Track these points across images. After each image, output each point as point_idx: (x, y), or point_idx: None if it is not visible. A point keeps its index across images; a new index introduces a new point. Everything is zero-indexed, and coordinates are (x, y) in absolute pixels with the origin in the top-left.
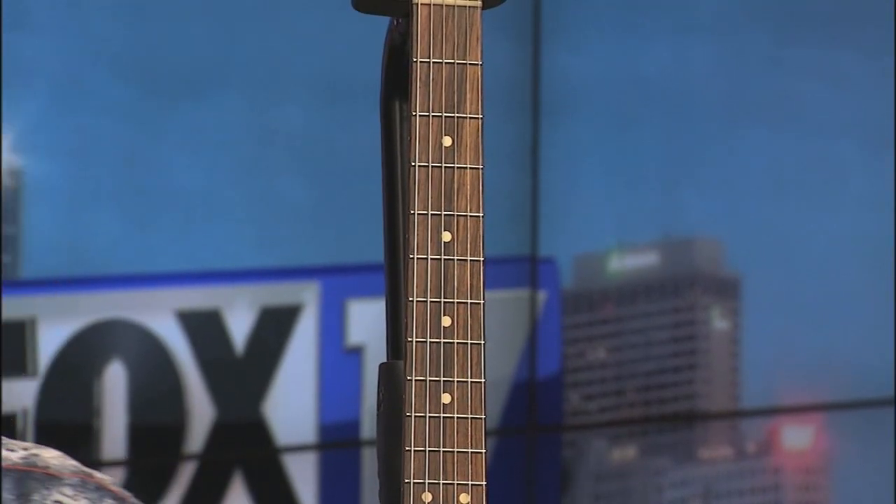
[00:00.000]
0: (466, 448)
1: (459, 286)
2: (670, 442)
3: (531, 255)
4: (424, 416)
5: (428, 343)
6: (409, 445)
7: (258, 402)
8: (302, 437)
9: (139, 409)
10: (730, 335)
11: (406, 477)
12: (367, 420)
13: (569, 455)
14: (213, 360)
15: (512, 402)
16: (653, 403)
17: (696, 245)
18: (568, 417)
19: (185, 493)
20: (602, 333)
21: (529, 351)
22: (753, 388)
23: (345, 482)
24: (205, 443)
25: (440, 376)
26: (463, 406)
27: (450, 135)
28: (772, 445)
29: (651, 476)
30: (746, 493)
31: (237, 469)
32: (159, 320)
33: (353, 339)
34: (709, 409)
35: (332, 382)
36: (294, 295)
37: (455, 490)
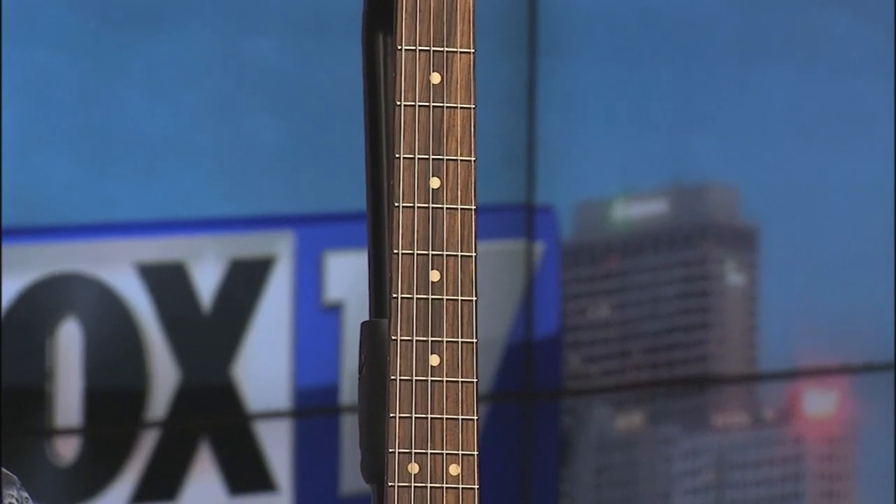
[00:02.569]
0: (456, 415)
1: (449, 237)
2: (680, 408)
3: (527, 204)
4: (410, 379)
5: (414, 300)
6: (394, 412)
7: (227, 365)
8: (275, 402)
9: (96, 372)
10: (746, 291)
11: (390, 446)
12: (347, 384)
13: (568, 423)
14: (177, 318)
15: (506, 364)
16: (661, 366)
17: (709, 192)
18: (567, 381)
19: (147, 464)
20: (605, 289)
21: (525, 308)
22: (772, 349)
23: (322, 452)
24: (168, 409)
25: (428, 336)
26: (453, 369)
27: (438, 71)
28: (792, 412)
29: (659, 446)
30: (764, 465)
31: (204, 438)
32: (118, 274)
33: (332, 295)
34: (723, 372)
35: (309, 343)
36: (266, 246)
37: (444, 460)
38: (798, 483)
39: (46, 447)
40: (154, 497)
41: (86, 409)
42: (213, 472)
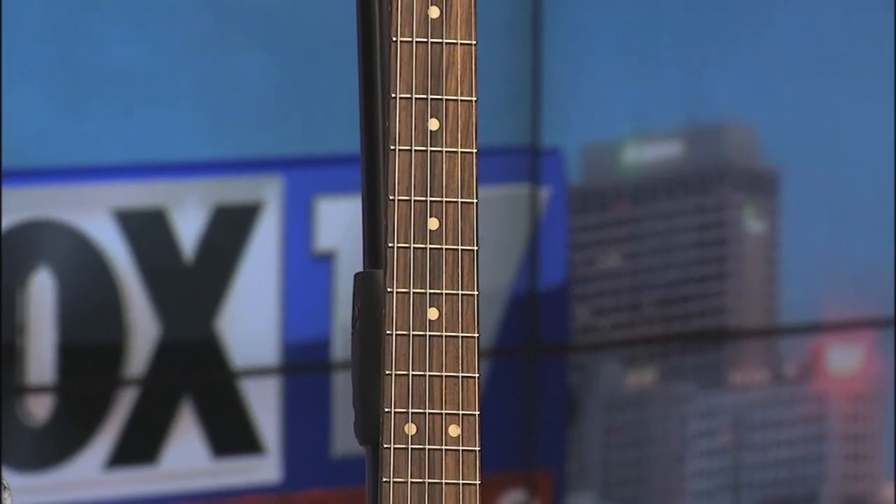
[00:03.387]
0: (456, 372)
1: (448, 183)
2: (695, 365)
3: (532, 146)
4: (408, 334)
5: (412, 249)
6: (390, 369)
7: (210, 318)
8: (262, 358)
9: (70, 326)
10: (765, 239)
11: (386, 405)
12: (340, 339)
13: (576, 380)
14: (157, 268)
15: (509, 318)
16: (675, 319)
17: (726, 133)
18: (575, 336)
19: (125, 424)
20: (615, 237)
21: (530, 258)
22: (793, 301)
23: (312, 411)
24: (148, 365)
25: (426, 288)
26: (452, 323)
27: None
28: (815, 369)
29: (673, 404)
30: (785, 424)
31: (186, 396)
32: (94, 221)
33: (323, 243)
34: (741, 325)
35: (298, 295)
36: (253, 191)
37: (443, 420)
38: (821, 444)
39: (17, 406)
40: (132, 459)
41: (59, 365)
42: (196, 432)
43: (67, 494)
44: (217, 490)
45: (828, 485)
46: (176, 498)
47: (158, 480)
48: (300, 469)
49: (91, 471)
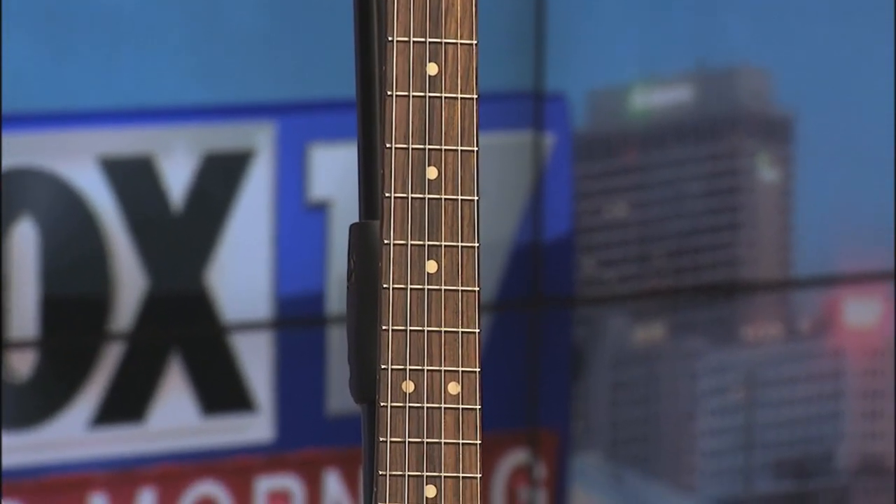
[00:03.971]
0: (456, 327)
1: (448, 129)
2: (706, 319)
3: (535, 91)
4: (405, 288)
5: (409, 199)
6: (387, 324)
7: (200, 271)
8: (253, 312)
9: (54, 279)
10: (780, 188)
11: (383, 362)
12: (335, 292)
13: (581, 334)
14: (144, 218)
15: (512, 270)
16: (685, 272)
17: (739, 77)
18: (580, 289)
19: (111, 381)
20: (623, 186)
21: (533, 208)
22: (808, 252)
23: (306, 367)
24: (135, 319)
25: (424, 240)
26: (452, 276)
27: None
28: (830, 323)
29: (682, 360)
30: (800, 381)
31: (174, 351)
32: (79, 169)
33: (317, 192)
34: (754, 278)
35: (291, 246)
36: (244, 138)
37: (442, 378)
38: (837, 401)
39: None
40: (119, 416)
41: (43, 319)
42: (185, 389)
43: (50, 454)
44: (206, 449)
45: (844, 444)
46: (164, 458)
47: (145, 439)
48: (293, 428)
49: (75, 429)
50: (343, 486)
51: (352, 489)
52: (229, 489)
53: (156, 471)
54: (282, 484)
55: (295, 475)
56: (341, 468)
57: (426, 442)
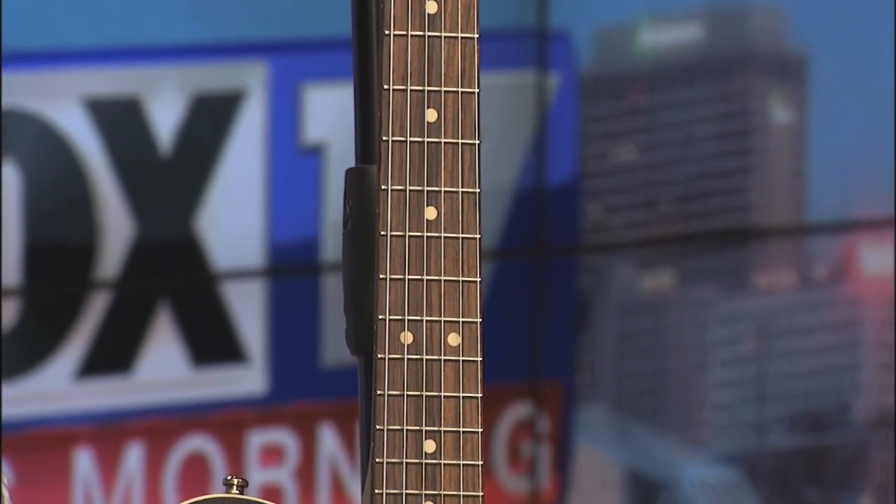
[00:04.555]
0: (456, 276)
1: (447, 71)
2: (717, 266)
3: (539, 29)
4: (403, 235)
5: (408, 143)
6: (385, 273)
7: (190, 216)
8: (246, 260)
9: (39, 225)
10: (794, 130)
11: (381, 312)
12: (330, 239)
13: (587, 283)
14: (132, 161)
15: (515, 216)
16: (694, 217)
17: (751, 14)
18: (586, 236)
19: (98, 331)
20: (630, 128)
21: (537, 151)
22: (823, 197)
23: (300, 317)
24: (122, 267)
25: (423, 185)
26: (452, 223)
27: None
28: (846, 270)
29: (692, 309)
30: (815, 330)
31: (163, 300)
32: (63, 111)
33: (311, 135)
34: (767, 224)
35: (285, 191)
36: (236, 78)
37: (442, 329)
38: (853, 352)
39: None
40: (106, 368)
41: (26, 267)
42: (174, 339)
43: (34, 406)
44: (197, 402)
45: (861, 397)
46: (152, 411)
47: (133, 392)
48: (286, 380)
49: (60, 381)
50: (338, 441)
51: (348, 444)
52: (220, 443)
53: (144, 424)
54: (275, 438)
55: (288, 429)
56: (337, 422)
57: (425, 395)
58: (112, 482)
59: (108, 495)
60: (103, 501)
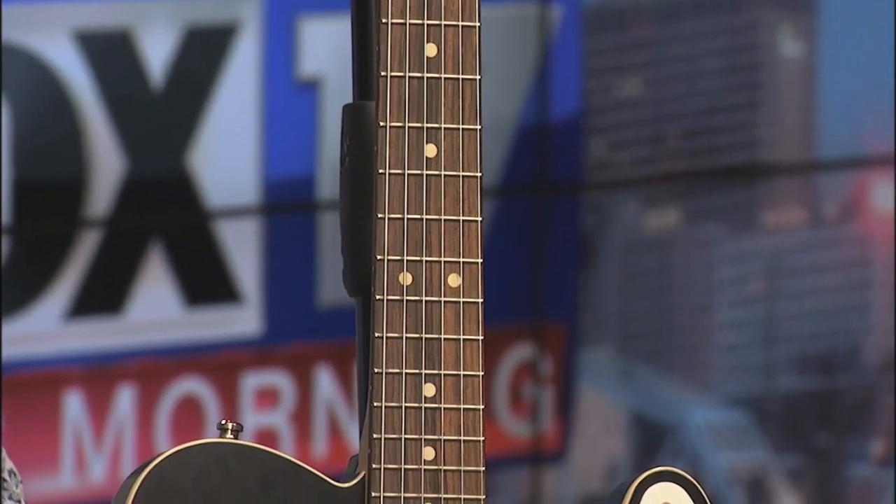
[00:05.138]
0: (457, 215)
1: (447, 3)
2: (724, 204)
3: None
4: (402, 173)
5: (407, 79)
6: (383, 212)
7: (182, 152)
8: (240, 197)
9: (27, 161)
10: (803, 63)
11: (379, 253)
12: (327, 176)
13: (591, 221)
14: (122, 96)
15: (517, 153)
16: (702, 154)
17: None
18: (590, 172)
19: (88, 270)
20: (636, 62)
21: (539, 86)
22: (834, 132)
23: (296, 257)
24: (113, 205)
25: (423, 122)
26: (452, 160)
27: None
28: (857, 208)
29: (699, 248)
30: (825, 269)
31: (155, 239)
32: (52, 44)
33: (308, 68)
34: (775, 160)
35: (280, 126)
36: (229, 10)
37: (442, 269)
38: (864, 292)
39: None
40: (96, 308)
41: (15, 204)
42: (166, 279)
43: (23, 348)
44: (190, 343)
45: (872, 338)
46: (144, 353)
47: (124, 333)
48: (282, 321)
49: (49, 322)
50: (335, 384)
51: (345, 386)
52: (214, 386)
53: (135, 367)
54: (270, 381)
55: (284, 371)
56: (333, 364)
57: (425, 338)
58: (103, 426)
59: (98, 439)
60: (94, 445)
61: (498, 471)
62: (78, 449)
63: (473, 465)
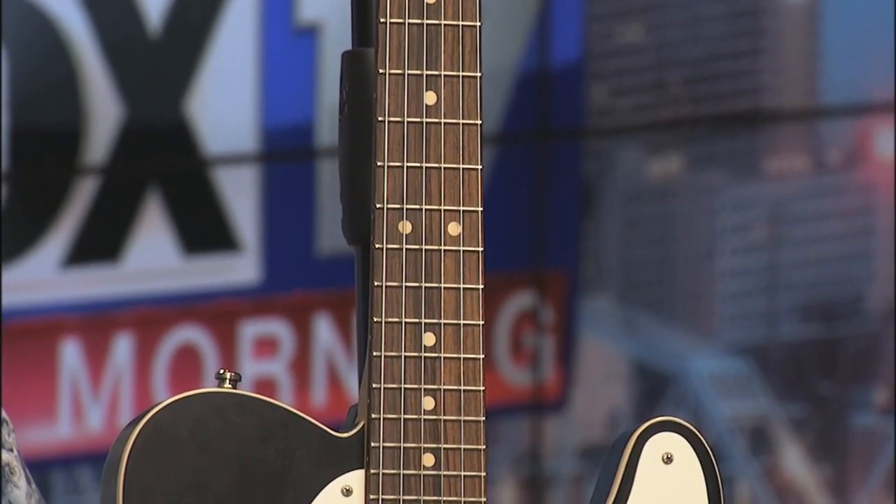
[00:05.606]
0: (457, 163)
1: None
2: (727, 151)
3: None
4: (402, 121)
5: (406, 25)
6: (382, 160)
7: (180, 99)
8: (238, 144)
9: (24, 108)
10: (807, 9)
11: (378, 201)
12: (326, 123)
13: (592, 168)
14: (120, 42)
15: (517, 100)
16: (704, 100)
17: None
18: (591, 119)
19: (85, 217)
20: (637, 7)
21: (540, 31)
22: (838, 78)
23: (295, 204)
24: (110, 152)
25: (422, 69)
26: (452, 108)
27: None
28: (861, 154)
29: (701, 195)
30: (828, 217)
31: (153, 186)
32: None
33: (306, 14)
34: (779, 106)
35: (279, 73)
36: None
37: (442, 218)
38: (868, 239)
39: None
40: (93, 256)
41: (12, 151)
42: (164, 227)
43: (19, 296)
44: (188, 292)
45: (875, 286)
46: (141, 301)
47: (122, 281)
48: (281, 269)
49: (46, 270)
50: (334, 332)
51: (344, 335)
52: (212, 335)
53: (133, 315)
54: (269, 329)
55: (283, 320)
56: (332, 312)
57: (424, 287)
58: (100, 374)
59: (95, 388)
60: (91, 394)
61: (498, 420)
62: (75, 398)
63: (473, 415)
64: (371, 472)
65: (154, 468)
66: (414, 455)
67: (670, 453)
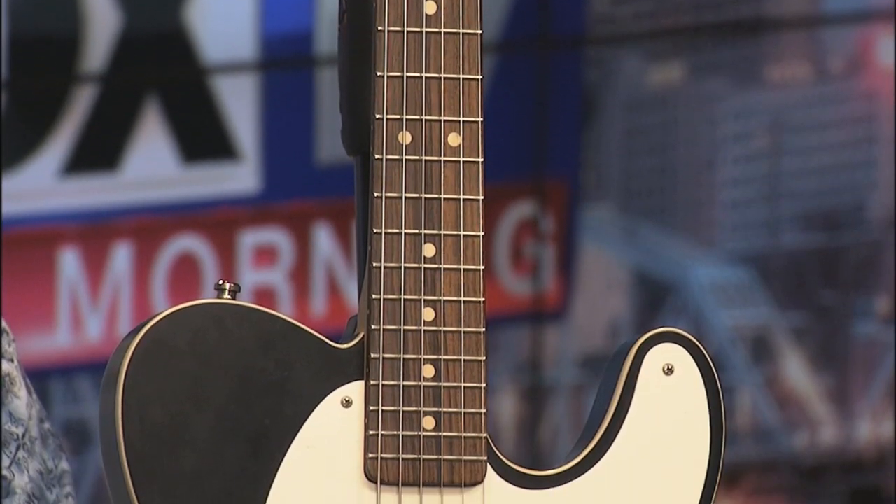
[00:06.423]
0: (456, 73)
1: None
2: (728, 59)
3: None
4: (402, 30)
5: None
6: (382, 70)
7: (179, 7)
8: (237, 52)
9: (21, 16)
10: None
11: (377, 111)
12: (325, 31)
13: (593, 77)
14: None
15: (518, 8)
16: (705, 7)
17: None
18: (592, 27)
19: (83, 123)
20: None
21: None
22: None
23: (294, 113)
24: (109, 60)
25: None
26: (452, 17)
27: None
28: (863, 62)
29: (702, 103)
30: (830, 125)
31: (152, 94)
32: None
33: None
34: (780, 14)
35: None
36: None
37: (442, 128)
38: (870, 148)
39: None
40: (91, 164)
41: (8, 59)
42: (162, 135)
43: (17, 205)
44: (187, 200)
45: (877, 194)
46: (140, 209)
47: (120, 189)
48: (280, 177)
49: (44, 178)
50: (334, 242)
51: (343, 245)
52: (211, 244)
53: (131, 224)
54: (268, 238)
55: (282, 229)
56: (332, 222)
57: (424, 197)
58: (99, 283)
59: (94, 297)
60: (90, 303)
61: (498, 329)
62: (74, 307)
63: (473, 326)
64: (371, 383)
65: (153, 379)
66: (414, 366)
67: (671, 364)
